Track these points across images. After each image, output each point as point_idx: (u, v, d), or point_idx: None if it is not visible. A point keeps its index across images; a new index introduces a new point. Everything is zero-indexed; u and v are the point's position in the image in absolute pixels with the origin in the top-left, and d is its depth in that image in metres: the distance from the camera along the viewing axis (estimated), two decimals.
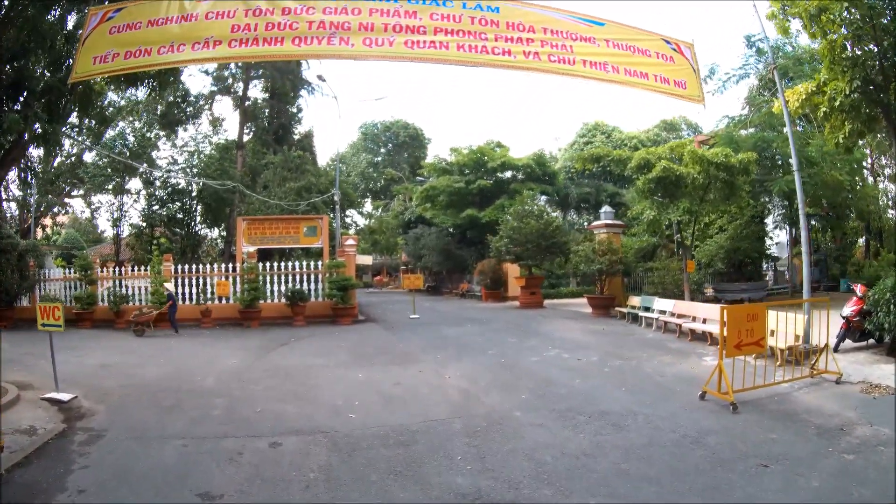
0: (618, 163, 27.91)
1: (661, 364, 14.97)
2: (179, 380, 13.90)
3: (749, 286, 29.76)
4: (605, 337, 20.06)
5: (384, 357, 17.12)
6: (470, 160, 47.79)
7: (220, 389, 12.89)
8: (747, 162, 23.31)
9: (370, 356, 17.21)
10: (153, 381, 13.63)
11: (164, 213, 38.84)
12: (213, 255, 42.23)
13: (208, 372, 14.86)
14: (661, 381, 13.02)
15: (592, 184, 51.14)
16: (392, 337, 21.87)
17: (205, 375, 14.43)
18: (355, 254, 29.95)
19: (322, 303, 26.82)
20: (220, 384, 13.49)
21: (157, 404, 11.47)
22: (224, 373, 14.84)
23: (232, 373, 14.83)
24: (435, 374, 14.30)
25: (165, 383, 13.43)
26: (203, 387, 13.22)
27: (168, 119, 40.74)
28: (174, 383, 13.43)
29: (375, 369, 15.10)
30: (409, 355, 17.31)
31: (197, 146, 39.55)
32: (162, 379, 13.96)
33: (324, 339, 21.33)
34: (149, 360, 16.54)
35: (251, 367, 15.58)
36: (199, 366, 15.81)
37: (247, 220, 31.24)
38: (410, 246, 52.92)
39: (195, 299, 26.42)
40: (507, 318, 27.27)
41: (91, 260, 28.20)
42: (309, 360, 16.57)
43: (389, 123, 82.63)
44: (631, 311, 24.27)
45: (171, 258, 28.74)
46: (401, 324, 25.92)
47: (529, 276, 34.15)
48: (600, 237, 29.89)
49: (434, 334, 21.92)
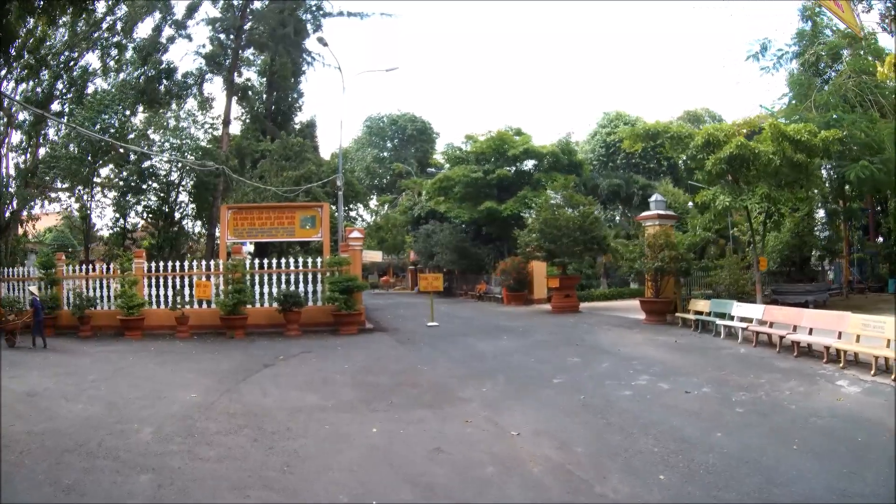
0: (677, 141, 23.94)
1: (795, 396, 11.24)
2: (107, 428, 9.81)
3: (813, 287, 26.95)
4: (689, 354, 16.32)
5: (407, 392, 12.54)
6: (488, 148, 44.17)
7: (155, 452, 8.58)
8: (830, 141, 20.18)
9: (386, 390, 12.68)
10: (73, 428, 9.86)
11: (137, 201, 34.38)
12: (200, 252, 38.04)
13: (152, 414, 10.71)
14: (827, 427, 9.23)
15: (621, 175, 48.56)
16: (411, 355, 17.44)
17: (144, 421, 10.25)
18: (362, 249, 26.00)
19: (321, 308, 23.16)
20: (159, 441, 9.13)
21: (54, 480, 7.55)
22: (172, 417, 10.47)
23: (182, 418, 10.43)
24: (493, 428, 9.64)
25: (86, 434, 9.47)
26: (133, 445, 8.95)
27: (149, 97, 36.15)
28: (97, 435, 9.42)
29: (397, 417, 10.49)
30: (443, 388, 12.80)
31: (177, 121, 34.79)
32: (86, 425, 10.10)
33: (322, 357, 17.06)
34: (88, 388, 13.09)
35: (212, 409, 11.11)
36: (144, 402, 11.69)
37: (232, 208, 27.37)
38: (420, 243, 49.84)
39: (170, 303, 23.02)
40: (545, 326, 23.69)
41: (54, 257, 25.15)
42: (297, 397, 12.12)
43: (396, 117, 79.01)
44: (698, 317, 21.12)
45: (143, 254, 25.26)
46: (418, 335, 21.80)
47: (564, 275, 30.93)
48: (651, 230, 26.18)
49: (466, 351, 17.75)
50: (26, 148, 34.43)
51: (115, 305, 22.56)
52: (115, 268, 23.54)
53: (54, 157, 32.64)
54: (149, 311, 22.59)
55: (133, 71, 36.27)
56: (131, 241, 34.52)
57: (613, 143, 51.57)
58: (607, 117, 56.82)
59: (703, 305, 21.45)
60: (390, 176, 74.57)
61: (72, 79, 34.37)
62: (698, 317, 21.07)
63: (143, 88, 35.90)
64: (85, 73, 35.21)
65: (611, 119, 56.12)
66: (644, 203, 41.26)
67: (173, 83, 38.08)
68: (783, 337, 16.03)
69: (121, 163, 33.57)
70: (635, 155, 49.04)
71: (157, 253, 32.06)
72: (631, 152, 47.10)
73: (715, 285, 24.05)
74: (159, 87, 37.34)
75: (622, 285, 39.99)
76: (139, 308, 21.87)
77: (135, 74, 36.32)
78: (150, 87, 36.22)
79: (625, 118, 55.30)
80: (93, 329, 22.20)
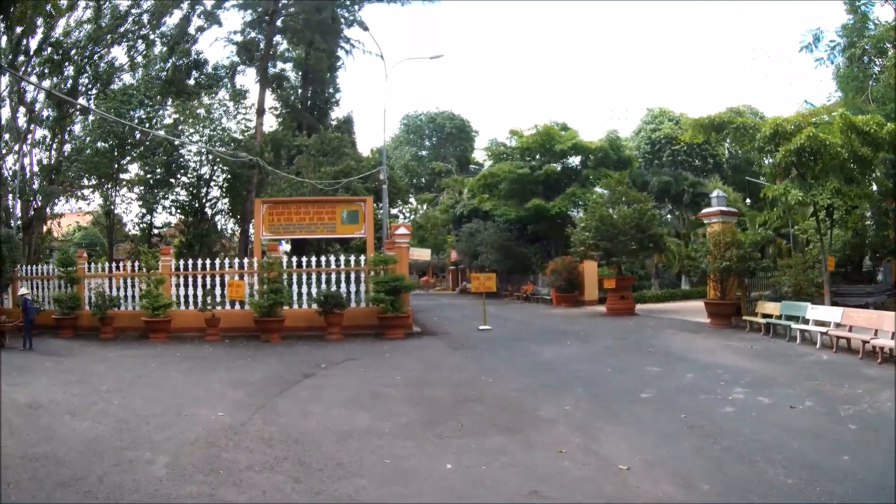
0: (743, 132, 22.37)
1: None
2: (113, 456, 8.08)
3: (873, 289, 25.29)
4: (772, 362, 14.82)
5: (475, 410, 10.51)
6: (534, 143, 43.05)
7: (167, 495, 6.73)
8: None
9: (450, 408, 10.68)
10: (73, 454, 8.18)
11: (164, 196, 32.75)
12: (233, 250, 36.43)
13: (169, 438, 8.87)
14: None
15: (669, 172, 46.81)
16: (470, 364, 15.47)
17: (159, 447, 8.44)
18: (408, 246, 24.32)
19: (365, 309, 21.60)
20: (174, 478, 7.23)
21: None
22: (193, 444, 8.59)
23: (205, 445, 8.55)
24: (594, 460, 7.75)
25: (87, 463, 7.78)
26: (141, 482, 7.12)
27: (177, 88, 34.56)
28: (101, 465, 7.70)
29: (472, 446, 8.46)
30: (517, 406, 10.78)
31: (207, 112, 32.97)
32: (89, 449, 8.39)
33: (369, 366, 15.17)
34: (98, 401, 11.42)
35: (242, 432, 9.19)
36: (161, 420, 9.88)
37: (267, 202, 25.55)
38: (463, 243, 48.31)
39: (200, 304, 21.46)
40: (606, 330, 22.17)
41: (74, 255, 24.17)
42: (345, 417, 10.14)
43: (434, 115, 77.72)
44: (767, 320, 19.84)
45: (170, 252, 23.95)
46: (471, 339, 19.90)
47: (620, 276, 29.43)
48: (713, 228, 25.01)
49: (529, 359, 15.81)
50: (50, 144, 33.08)
51: (140, 306, 21.27)
52: (141, 266, 22.20)
53: (79, 149, 31.26)
54: (176, 312, 21.21)
55: (161, 63, 34.78)
56: (158, 238, 33.06)
57: (659, 140, 50.54)
58: (651, 113, 55.13)
59: (773, 308, 20.16)
60: (429, 175, 73.41)
61: (97, 74, 32.93)
62: (768, 320, 19.83)
63: (171, 79, 34.33)
64: (111, 67, 33.79)
65: (654, 115, 54.43)
66: (694, 201, 40.91)
67: (203, 75, 36.52)
68: (866, 342, 14.84)
69: (147, 156, 32.01)
70: (681, 152, 48.27)
71: (186, 251, 30.52)
72: (677, 149, 47.20)
73: (776, 286, 22.59)
74: (188, 79, 35.78)
75: (672, 286, 39.06)
76: (165, 309, 20.50)
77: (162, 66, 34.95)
78: (177, 78, 34.62)
79: (668, 114, 53.87)
80: (115, 331, 21.16)
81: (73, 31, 32.13)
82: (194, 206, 33.27)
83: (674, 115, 53.04)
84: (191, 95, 33.36)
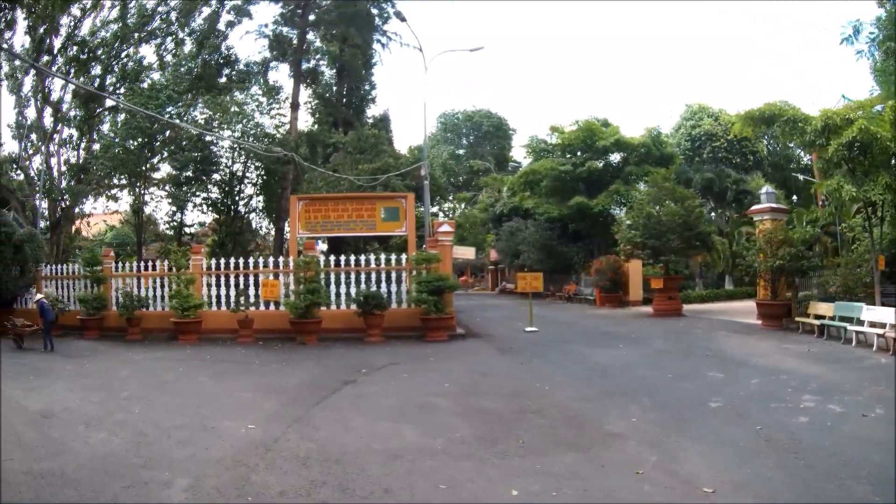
0: (792, 125, 21.74)
1: None
2: (128, 476, 7.17)
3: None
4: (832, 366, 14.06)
5: (536, 424, 9.36)
6: (575, 139, 42.00)
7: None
8: None
9: (507, 421, 9.56)
10: (83, 472, 7.35)
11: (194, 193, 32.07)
12: (268, 249, 35.65)
13: (191, 455, 7.91)
14: None
15: (711, 168, 46.01)
16: (521, 369, 14.33)
17: (179, 466, 7.53)
18: (452, 245, 23.26)
19: (406, 310, 20.67)
20: None
21: None
22: (218, 463, 7.59)
23: (232, 464, 7.53)
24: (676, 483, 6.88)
25: (97, 483, 6.96)
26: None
27: (207, 84, 33.83)
28: (112, 486, 6.85)
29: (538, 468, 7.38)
30: (580, 418, 9.69)
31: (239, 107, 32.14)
32: (102, 467, 7.51)
33: (413, 371, 14.07)
34: (117, 409, 10.53)
35: (275, 449, 8.12)
36: (185, 434, 8.89)
37: (304, 199, 24.70)
38: (504, 242, 47.84)
39: (233, 304, 20.53)
40: (656, 332, 21.19)
41: (101, 254, 23.59)
42: (390, 432, 9.03)
43: (471, 113, 77.74)
44: (821, 322, 19.24)
45: (201, 250, 23.06)
46: (519, 342, 18.81)
47: (667, 276, 28.61)
48: (764, 225, 24.23)
49: (583, 364, 14.78)
50: (78, 143, 32.82)
51: (169, 307, 20.48)
52: (170, 265, 21.49)
53: (107, 146, 30.74)
54: (207, 312, 20.45)
55: (190, 60, 34.12)
56: (189, 237, 32.39)
57: (699, 137, 50.20)
58: (690, 110, 54.60)
59: (825, 309, 19.61)
60: (466, 174, 72.81)
61: (124, 72, 32.46)
62: (821, 321, 19.19)
63: (201, 75, 33.62)
64: (139, 66, 33.32)
65: (694, 112, 53.95)
66: (737, 199, 40.96)
67: (235, 71, 35.89)
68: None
69: (176, 152, 31.38)
70: (721, 149, 48.04)
71: (219, 249, 29.96)
72: (717, 146, 47.30)
73: (824, 286, 22.00)
74: (219, 75, 35.12)
75: (716, 286, 38.41)
76: (196, 309, 19.71)
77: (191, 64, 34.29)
78: (207, 74, 33.92)
79: (707, 111, 53.39)
80: (143, 332, 20.59)
81: (99, 31, 31.92)
82: (227, 203, 32.63)
83: (713, 112, 52.59)
84: (221, 91, 32.68)
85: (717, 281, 39.43)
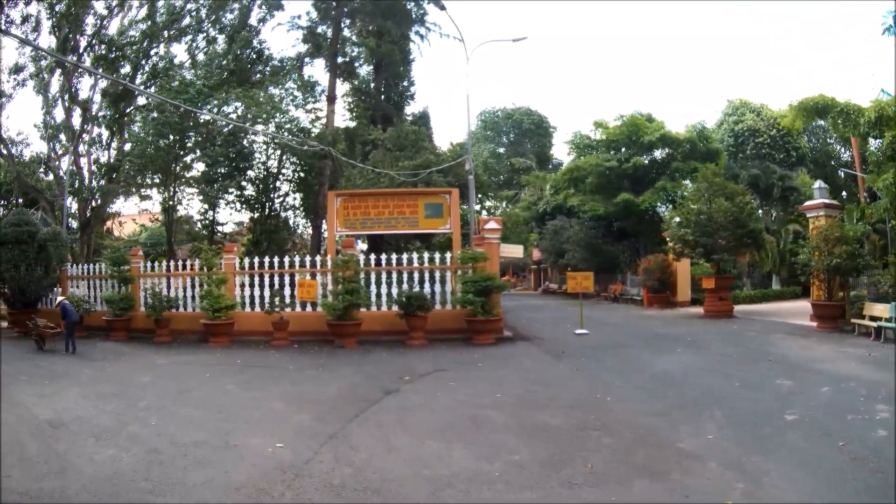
0: (846, 116, 21.64)
1: None
2: None
3: None
4: None
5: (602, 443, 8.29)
6: (620, 134, 40.73)
7: None
8: None
9: (570, 439, 8.48)
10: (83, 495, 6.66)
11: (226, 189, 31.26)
12: (305, 248, 34.84)
13: (209, 480, 7.03)
14: None
15: (757, 165, 45.02)
16: (577, 377, 13.18)
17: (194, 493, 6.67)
18: (499, 243, 22.16)
19: (450, 312, 19.68)
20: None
21: None
22: (237, 492, 6.63)
23: (255, 491, 6.62)
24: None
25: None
26: None
27: (239, 78, 33.11)
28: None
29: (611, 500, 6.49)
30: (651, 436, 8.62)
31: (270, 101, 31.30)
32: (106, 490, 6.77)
33: (461, 379, 12.92)
34: (133, 421, 9.68)
35: (305, 474, 7.11)
36: (203, 452, 7.93)
37: (342, 195, 23.67)
38: (547, 241, 47.29)
39: (267, 305, 19.59)
40: (711, 335, 20.17)
41: (126, 253, 22.93)
42: (439, 453, 7.96)
43: (511, 111, 76.94)
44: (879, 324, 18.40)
45: (233, 249, 22.19)
46: (570, 346, 17.62)
47: (719, 275, 27.53)
48: (818, 222, 23.54)
49: (643, 371, 13.63)
50: (108, 142, 32.60)
51: (199, 307, 19.66)
52: (201, 264, 20.64)
53: (138, 141, 30.40)
54: (239, 314, 19.62)
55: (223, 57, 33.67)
56: (222, 236, 31.81)
57: (742, 132, 48.97)
58: (732, 105, 53.64)
59: (881, 310, 18.85)
60: (507, 172, 71.71)
61: (154, 72, 32.11)
62: (878, 323, 18.41)
63: (232, 69, 33.04)
64: (170, 64, 32.87)
65: (736, 107, 52.87)
66: (783, 196, 40.37)
67: (269, 66, 35.28)
68: None
69: (206, 147, 30.83)
70: (765, 145, 46.91)
71: (254, 248, 29.39)
72: (760, 141, 46.40)
73: (875, 285, 21.00)
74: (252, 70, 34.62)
75: (763, 286, 37.38)
76: (227, 311, 18.84)
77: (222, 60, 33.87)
78: (239, 68, 33.35)
79: (749, 106, 52.27)
80: (171, 334, 19.91)
81: (127, 30, 31.81)
82: (262, 201, 32.02)
83: (754, 107, 51.65)
84: (254, 86, 31.99)
85: (763, 280, 38.47)
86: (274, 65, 35.49)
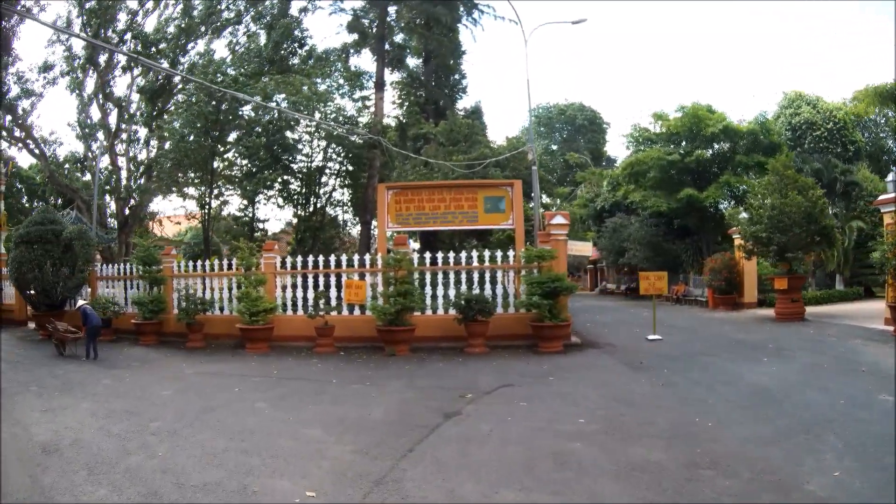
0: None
1: None
2: None
3: None
4: None
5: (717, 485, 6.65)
6: (681, 126, 39.42)
7: None
8: None
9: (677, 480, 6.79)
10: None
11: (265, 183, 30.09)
12: (353, 246, 33.75)
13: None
14: None
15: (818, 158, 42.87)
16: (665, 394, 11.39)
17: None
18: (566, 239, 20.13)
19: (513, 316, 18.14)
20: None
21: None
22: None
23: None
24: None
25: None
26: None
27: (280, 67, 32.16)
28: None
29: None
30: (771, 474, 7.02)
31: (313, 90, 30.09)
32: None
33: (532, 398, 11.05)
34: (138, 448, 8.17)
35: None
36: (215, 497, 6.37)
37: (393, 188, 22.14)
38: (607, 239, 46.84)
39: (310, 309, 18.21)
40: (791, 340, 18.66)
41: (159, 253, 21.69)
42: None
43: (564, 106, 76.85)
44: None
45: (273, 247, 20.97)
46: (646, 354, 16.04)
47: (791, 275, 25.89)
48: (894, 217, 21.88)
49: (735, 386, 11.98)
50: (147, 140, 32.60)
51: (236, 310, 18.42)
52: (238, 264, 19.30)
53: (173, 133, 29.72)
54: (280, 317, 18.28)
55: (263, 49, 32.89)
56: (262, 233, 30.97)
57: (799, 125, 47.50)
58: (787, 98, 52.00)
59: None
60: (561, 169, 70.92)
61: (192, 68, 31.56)
62: None
63: (271, 58, 32.13)
64: (210, 59, 32.21)
65: (792, 100, 51.28)
66: (846, 191, 38.62)
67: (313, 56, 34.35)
68: None
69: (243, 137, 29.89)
70: (822, 138, 45.37)
71: (297, 247, 28.50)
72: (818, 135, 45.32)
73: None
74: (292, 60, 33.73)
75: (826, 286, 36.11)
76: (266, 314, 17.50)
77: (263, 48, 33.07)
78: (280, 57, 32.51)
79: (805, 98, 50.68)
80: (205, 338, 18.92)
81: (164, 27, 31.91)
82: (306, 195, 30.89)
83: (810, 99, 50.12)
84: (297, 74, 30.84)
85: (826, 281, 37.17)
86: (318, 55, 34.53)
